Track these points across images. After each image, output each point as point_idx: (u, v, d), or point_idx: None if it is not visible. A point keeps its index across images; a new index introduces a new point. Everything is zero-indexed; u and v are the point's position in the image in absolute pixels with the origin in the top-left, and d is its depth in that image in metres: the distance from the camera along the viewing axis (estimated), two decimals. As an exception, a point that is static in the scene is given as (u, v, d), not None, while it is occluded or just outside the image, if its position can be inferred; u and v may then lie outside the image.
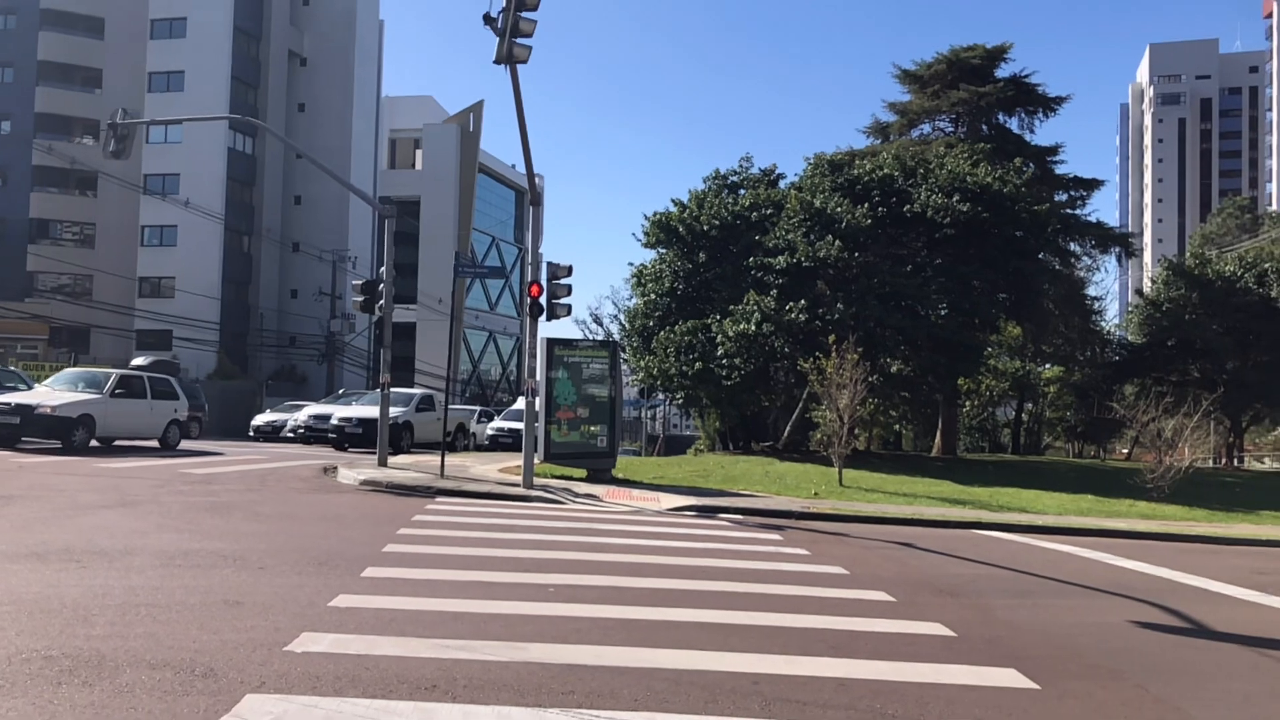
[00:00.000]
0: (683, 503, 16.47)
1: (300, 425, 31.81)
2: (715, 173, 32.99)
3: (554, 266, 18.38)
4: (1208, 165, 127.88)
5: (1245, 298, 32.04)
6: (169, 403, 24.51)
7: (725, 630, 7.40)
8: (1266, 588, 11.16)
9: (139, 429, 23.61)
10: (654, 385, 30.95)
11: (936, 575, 10.80)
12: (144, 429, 23.75)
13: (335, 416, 28.32)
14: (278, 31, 62.49)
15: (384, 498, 15.73)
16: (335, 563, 9.24)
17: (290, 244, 61.37)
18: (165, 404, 24.32)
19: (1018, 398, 41.60)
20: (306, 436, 30.94)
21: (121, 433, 23.12)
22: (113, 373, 23.89)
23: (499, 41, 15.43)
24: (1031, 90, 34.59)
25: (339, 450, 26.96)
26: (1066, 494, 21.64)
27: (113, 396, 22.51)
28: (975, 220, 26.39)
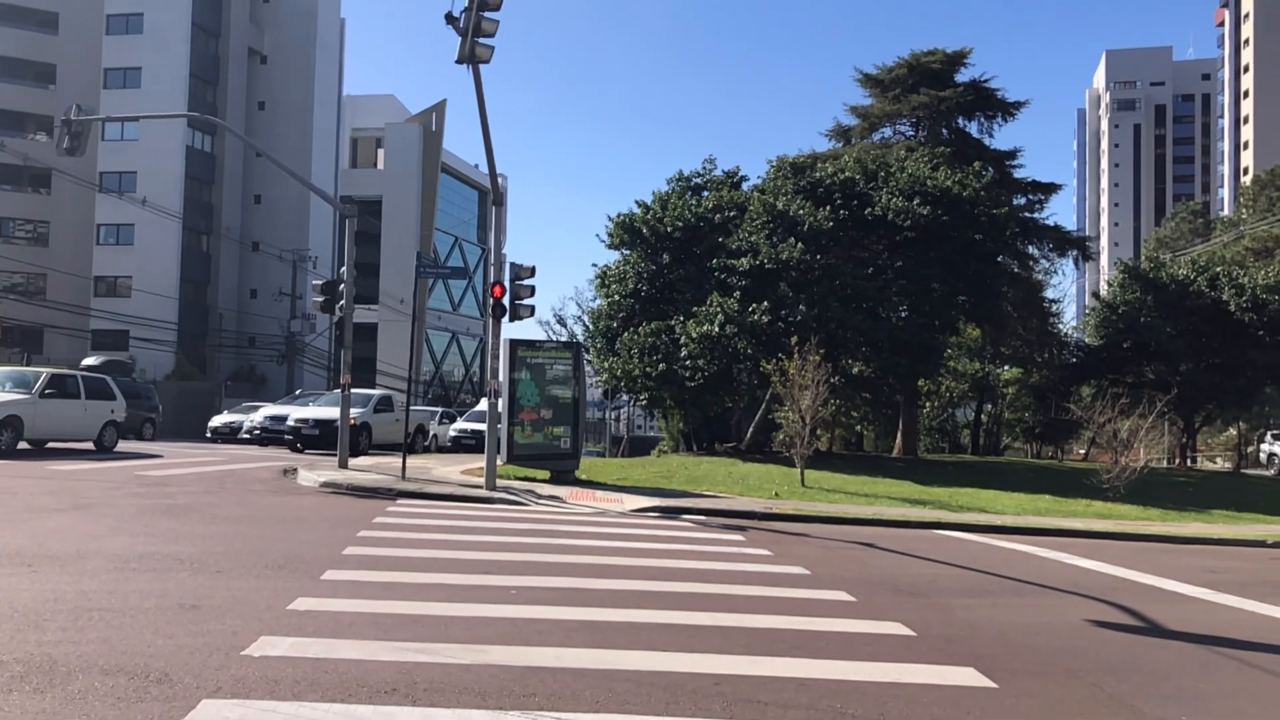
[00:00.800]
0: (646, 504, 16.48)
1: (256, 426, 31.17)
2: (679, 174, 33.11)
3: (517, 267, 18.32)
4: (1162, 170, 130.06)
5: (1198, 301, 32.61)
6: (104, 403, 23.43)
7: (688, 631, 7.42)
8: (1218, 586, 11.37)
9: (72, 431, 22.51)
10: (618, 386, 30.95)
11: (897, 575, 10.89)
12: (77, 430, 22.65)
13: (291, 418, 27.81)
14: (237, 28, 61.76)
15: (344, 500, 15.58)
16: (294, 565, 9.14)
17: (250, 243, 60.67)
18: (100, 404, 23.25)
19: (977, 399, 42.07)
20: (262, 438, 30.35)
21: (53, 434, 22.07)
22: (43, 372, 22.81)
23: (461, 41, 15.37)
24: (991, 95, 34.99)
25: (295, 452, 26.52)
26: (1025, 494, 21.91)
27: (42, 397, 21.39)
28: (935, 223, 26.65)
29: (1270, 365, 31.65)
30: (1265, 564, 14.27)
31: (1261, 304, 31.72)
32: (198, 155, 59.01)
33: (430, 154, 72.27)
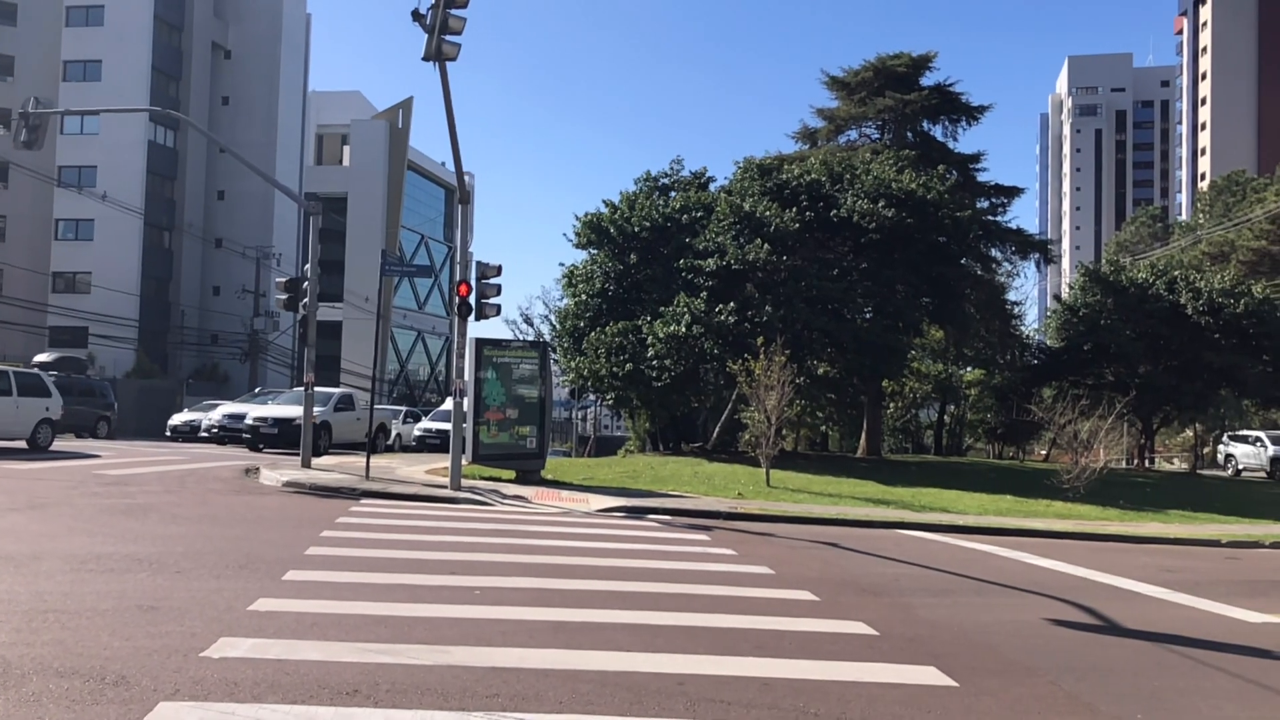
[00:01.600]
0: (612, 504, 16.48)
1: (214, 425, 30.70)
2: (646, 174, 33.16)
3: (483, 266, 18.25)
4: (1123, 175, 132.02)
5: (1157, 304, 33.10)
6: (38, 400, 22.77)
7: (651, 631, 7.43)
8: (1173, 585, 11.56)
9: (2, 429, 21.93)
10: (584, 386, 30.91)
11: (860, 574, 10.97)
12: (8, 429, 22.04)
13: (250, 416, 27.47)
14: (201, 22, 61.02)
15: (307, 499, 15.45)
16: (256, 566, 9.05)
17: (213, 240, 59.98)
18: (34, 402, 22.59)
19: (940, 400, 42.44)
20: (220, 436, 29.90)
21: None
22: None
23: (428, 38, 15.30)
24: (955, 99, 35.30)
25: (253, 451, 26.19)
26: (987, 494, 22.14)
27: None
28: (900, 226, 26.87)
29: (1225, 368, 32.20)
30: (1220, 563, 14.52)
31: (1217, 307, 32.27)
32: (160, 150, 58.22)
33: (396, 151, 71.81)
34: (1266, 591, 11.65)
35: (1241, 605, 10.29)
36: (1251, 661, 7.72)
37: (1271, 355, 32.79)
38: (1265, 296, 34.43)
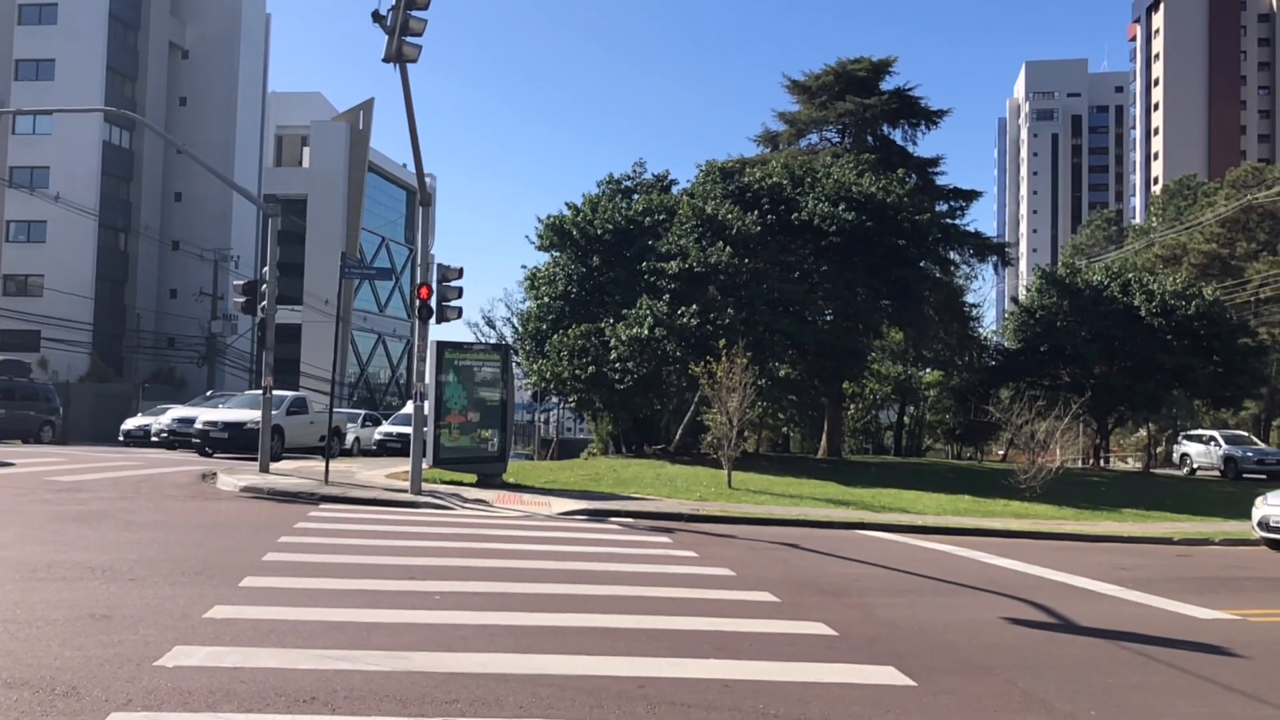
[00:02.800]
0: (574, 507, 16.46)
1: (163, 429, 29.83)
2: (609, 177, 33.17)
3: (444, 268, 18.16)
4: (1078, 179, 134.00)
5: (1111, 306, 33.63)
6: None
7: (613, 634, 7.43)
8: (1126, 583, 11.75)
9: None
10: (547, 389, 30.83)
11: (820, 575, 11.05)
12: None
13: (199, 420, 26.66)
14: (157, 21, 60.12)
15: (266, 504, 15.29)
16: (212, 572, 8.94)
17: (170, 242, 59.10)
18: None
19: (900, 401, 42.84)
20: (170, 441, 29.07)
21: None
22: None
23: (388, 40, 15.21)
24: (914, 103, 35.64)
25: (203, 456, 25.53)
26: (945, 494, 22.36)
27: None
28: (860, 229, 27.09)
29: (1177, 368, 32.77)
30: (1171, 561, 14.78)
31: (1170, 309, 32.85)
32: (115, 151, 57.30)
33: (357, 153, 71.21)
34: (1216, 588, 11.88)
35: (1192, 602, 10.49)
36: (1202, 657, 7.87)
37: (1221, 356, 33.44)
38: (1215, 299, 35.13)
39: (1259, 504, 17.17)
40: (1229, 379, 33.88)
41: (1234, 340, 34.01)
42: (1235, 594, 11.53)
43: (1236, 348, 33.91)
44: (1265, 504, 17.00)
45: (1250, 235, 53.16)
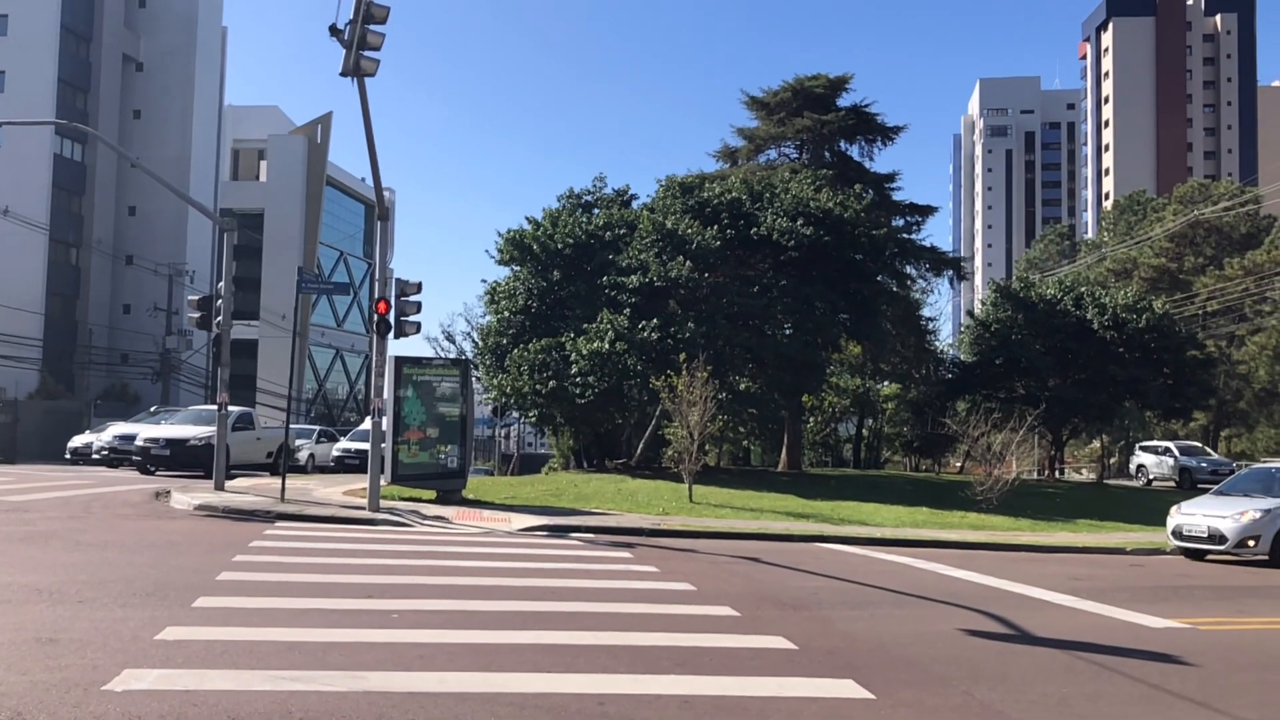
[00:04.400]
0: (534, 523, 16.38)
1: (104, 446, 28.67)
2: (569, 191, 33.17)
3: (403, 283, 18.05)
4: (1032, 194, 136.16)
5: (1064, 319, 34.17)
6: None
7: (573, 651, 7.40)
8: (1080, 593, 11.91)
9: None
10: (507, 404, 30.67)
11: (780, 589, 11.08)
12: None
13: (140, 437, 25.67)
14: (111, 34, 59.33)
15: (220, 523, 15.06)
16: (164, 593, 8.78)
17: (124, 257, 58.20)
18: None
19: (858, 414, 43.15)
20: (111, 459, 27.98)
21: None
22: None
23: (346, 54, 15.12)
24: (871, 119, 36.03)
25: (144, 474, 24.69)
26: (904, 506, 22.54)
27: None
28: (818, 243, 27.31)
29: (1129, 380, 33.35)
30: (1125, 571, 15.01)
31: (1121, 322, 33.44)
32: (67, 164, 56.37)
33: (315, 166, 70.69)
34: (1168, 597, 12.08)
35: (1144, 611, 10.65)
36: (1154, 666, 7.99)
37: (1171, 368, 34.09)
38: (1165, 312, 35.82)
39: (1173, 513, 17.39)
40: (1179, 391, 34.52)
41: (1183, 353, 34.70)
42: (1186, 602, 11.72)
43: (1186, 360, 34.60)
44: (1179, 513, 17.23)
45: (1197, 250, 54.30)
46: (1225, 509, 16.64)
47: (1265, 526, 16.00)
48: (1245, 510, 16.32)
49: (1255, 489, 17.44)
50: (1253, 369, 48.42)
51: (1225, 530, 16.18)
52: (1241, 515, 16.22)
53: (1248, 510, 16.29)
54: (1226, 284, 48.63)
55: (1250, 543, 16.01)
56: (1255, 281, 47.45)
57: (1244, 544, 16.02)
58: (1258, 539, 15.98)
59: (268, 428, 28.63)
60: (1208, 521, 16.54)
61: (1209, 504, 17.34)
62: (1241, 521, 16.13)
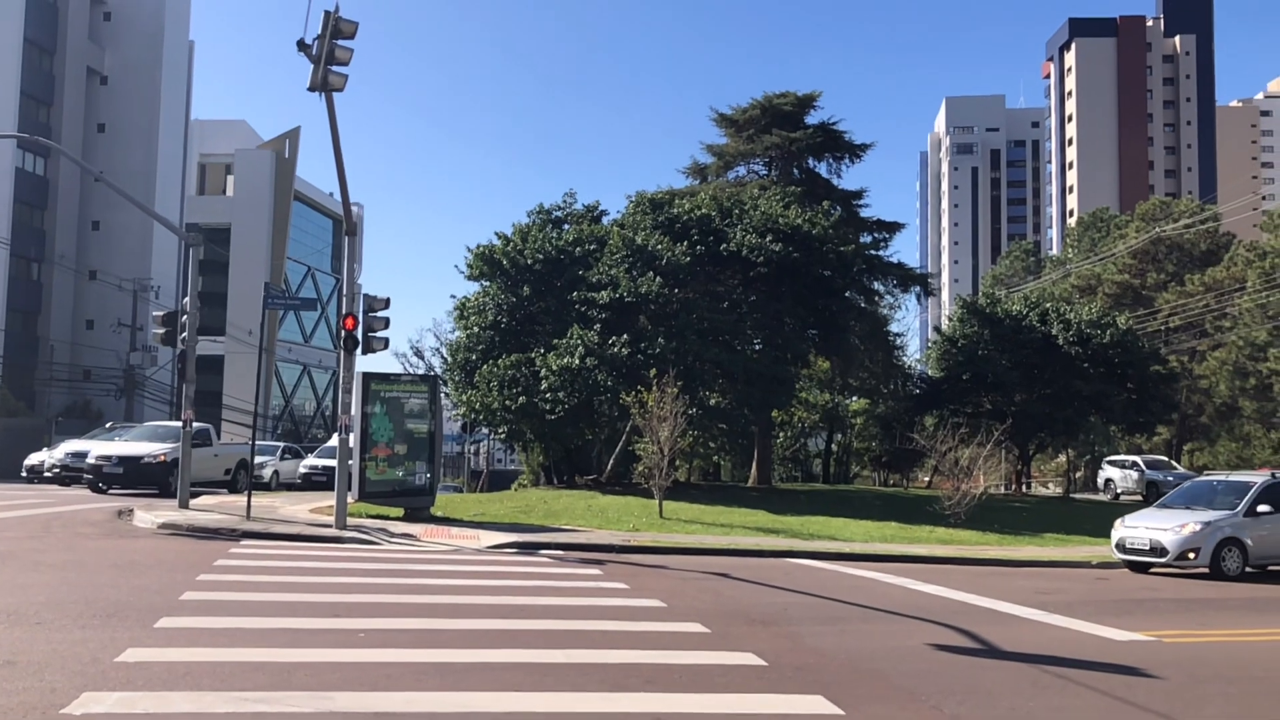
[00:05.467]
0: (503, 540, 16.29)
1: (56, 464, 27.91)
2: (539, 207, 33.10)
3: (371, 298, 17.95)
4: (998, 211, 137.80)
5: (1030, 335, 34.55)
6: None
7: (542, 669, 7.35)
8: (1047, 606, 12.00)
9: None
10: (476, 420, 30.51)
11: (750, 605, 11.08)
12: None
13: (92, 454, 24.69)
14: (75, 47, 58.74)
15: (184, 541, 14.85)
16: (125, 614, 8.64)
17: (87, 272, 57.48)
18: None
19: (828, 429, 43.32)
20: (63, 476, 27.19)
21: None
22: None
23: (314, 69, 15.06)
24: (839, 137, 36.32)
25: (96, 492, 23.90)
26: (873, 521, 22.63)
27: None
28: (787, 260, 27.46)
29: (1094, 395, 33.75)
30: (1091, 584, 15.15)
31: (1086, 338, 33.85)
32: (28, 178, 55.66)
33: (283, 181, 70.24)
34: (1132, 610, 12.20)
35: (1109, 624, 10.75)
36: (1119, 679, 8.06)
37: (1135, 383, 34.53)
38: (1129, 328, 36.33)
39: (1117, 526, 17.56)
40: (1143, 405, 34.98)
41: (1146, 368, 35.17)
42: (1150, 615, 11.85)
43: (1149, 375, 35.06)
44: (1123, 525, 17.40)
45: (1159, 266, 55.11)
46: (1167, 522, 16.82)
47: (1205, 539, 16.18)
48: (1186, 523, 16.50)
49: (1197, 502, 17.64)
50: (1213, 384, 49.14)
51: (1166, 543, 16.34)
52: (1182, 528, 16.39)
53: (1188, 523, 16.47)
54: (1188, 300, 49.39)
55: (1190, 555, 16.17)
56: (1215, 298, 48.22)
57: (1184, 556, 16.19)
58: (1198, 551, 16.15)
59: (226, 444, 28.13)
60: (1150, 534, 16.70)
61: (1152, 517, 17.54)
62: (1182, 534, 16.30)
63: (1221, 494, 17.64)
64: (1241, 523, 16.49)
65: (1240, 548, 16.31)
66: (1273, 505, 16.83)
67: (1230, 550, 16.24)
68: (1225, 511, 16.74)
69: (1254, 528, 16.52)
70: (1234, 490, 17.53)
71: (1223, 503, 17.14)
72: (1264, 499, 16.84)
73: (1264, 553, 16.68)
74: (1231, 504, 16.91)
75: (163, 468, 23.30)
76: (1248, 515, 16.60)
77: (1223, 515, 16.61)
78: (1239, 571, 16.21)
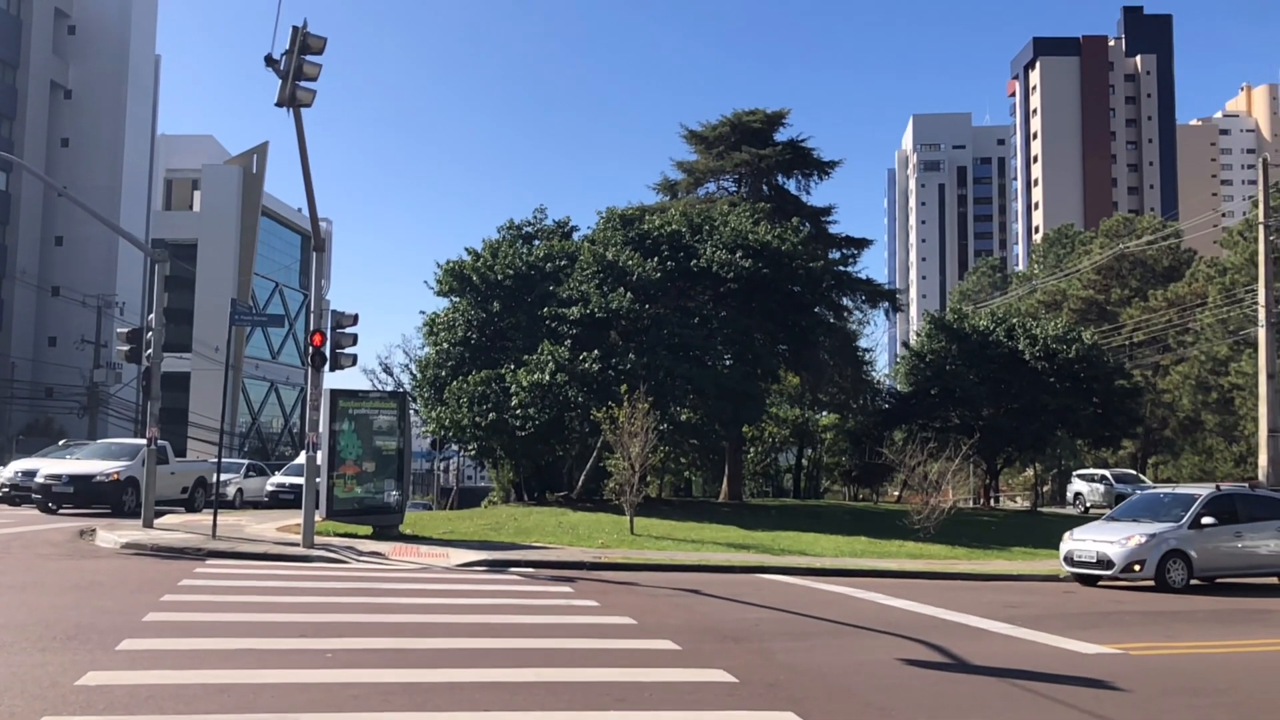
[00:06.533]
0: (473, 558, 16.18)
1: (4, 483, 26.61)
2: (510, 223, 33.08)
3: (339, 315, 17.83)
4: (964, 227, 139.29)
5: (997, 350, 34.89)
6: None
7: (511, 689, 7.30)
8: (1016, 620, 12.07)
9: None
10: (446, 437, 30.35)
11: (721, 621, 11.06)
12: None
13: (41, 473, 23.53)
14: (39, 60, 58.20)
15: (149, 561, 14.62)
16: (87, 636, 8.49)
17: (49, 288, 56.74)
18: None
19: (798, 444, 43.48)
20: (12, 496, 25.96)
21: None
22: None
23: (281, 84, 14.98)
24: (808, 154, 36.61)
25: (46, 513, 23.05)
26: (843, 536, 22.69)
27: None
28: (757, 275, 27.59)
29: (1060, 410, 34.09)
30: (1058, 597, 15.26)
31: (1052, 353, 34.21)
32: (-11, 193, 55.01)
33: (250, 197, 69.78)
34: (1098, 623, 12.30)
35: (1077, 637, 10.83)
36: (1088, 692, 8.10)
37: (1100, 397, 34.92)
38: (1094, 342, 36.77)
39: (1066, 539, 17.64)
40: (1108, 419, 35.37)
41: (1111, 382, 35.58)
42: (1117, 628, 11.94)
43: (1114, 389, 35.48)
44: (1071, 539, 17.49)
45: (1123, 282, 55.88)
46: (1114, 534, 16.92)
47: (1150, 551, 16.26)
48: (1132, 535, 16.59)
49: (1144, 515, 17.72)
50: (1176, 398, 49.81)
51: (1113, 555, 16.43)
52: (1128, 540, 16.49)
53: (1134, 535, 16.57)
54: (1151, 315, 50.08)
55: (1136, 567, 16.27)
56: (1178, 313, 48.93)
57: (1130, 568, 16.28)
58: (1143, 563, 16.24)
59: (183, 461, 27.55)
60: (1096, 547, 16.80)
61: (1099, 530, 17.64)
62: (1128, 546, 16.38)
63: (1168, 506, 17.74)
64: (1186, 535, 16.59)
65: (1185, 560, 16.41)
66: (1217, 518, 16.96)
67: (1175, 562, 16.32)
68: (1170, 524, 16.82)
69: (1199, 540, 16.63)
70: (1180, 503, 17.65)
71: (1169, 515, 17.21)
72: (1209, 511, 16.97)
73: (1209, 565, 16.82)
74: (1177, 516, 16.99)
75: (115, 486, 22.61)
76: (1192, 527, 16.69)
77: (1168, 527, 16.70)
78: (1184, 584, 16.30)
